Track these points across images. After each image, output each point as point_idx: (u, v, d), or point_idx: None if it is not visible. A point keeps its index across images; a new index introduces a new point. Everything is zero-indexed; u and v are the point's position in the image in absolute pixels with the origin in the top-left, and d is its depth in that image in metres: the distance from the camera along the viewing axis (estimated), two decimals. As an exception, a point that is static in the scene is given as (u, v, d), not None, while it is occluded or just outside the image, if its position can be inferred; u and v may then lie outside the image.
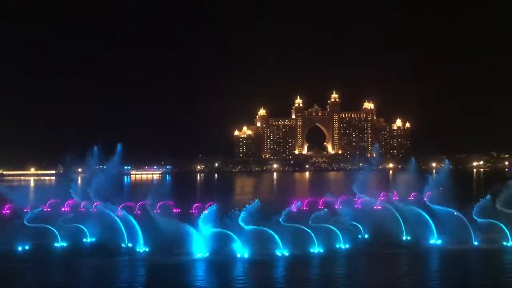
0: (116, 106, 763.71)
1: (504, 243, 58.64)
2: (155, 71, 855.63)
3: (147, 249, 57.45)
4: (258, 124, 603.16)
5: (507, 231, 59.34)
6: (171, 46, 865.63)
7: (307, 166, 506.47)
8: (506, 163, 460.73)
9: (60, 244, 61.79)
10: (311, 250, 54.70)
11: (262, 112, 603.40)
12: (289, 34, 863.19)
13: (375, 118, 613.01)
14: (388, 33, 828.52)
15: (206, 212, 58.82)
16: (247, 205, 57.73)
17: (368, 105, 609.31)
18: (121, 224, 62.09)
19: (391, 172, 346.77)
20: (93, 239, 65.07)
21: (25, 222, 66.16)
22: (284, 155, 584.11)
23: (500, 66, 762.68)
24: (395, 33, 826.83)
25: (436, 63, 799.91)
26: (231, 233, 54.85)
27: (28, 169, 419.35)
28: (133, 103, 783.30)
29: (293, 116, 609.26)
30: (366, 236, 64.59)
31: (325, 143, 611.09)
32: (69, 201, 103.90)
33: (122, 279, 46.78)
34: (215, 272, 49.36)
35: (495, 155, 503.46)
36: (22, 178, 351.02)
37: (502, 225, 60.43)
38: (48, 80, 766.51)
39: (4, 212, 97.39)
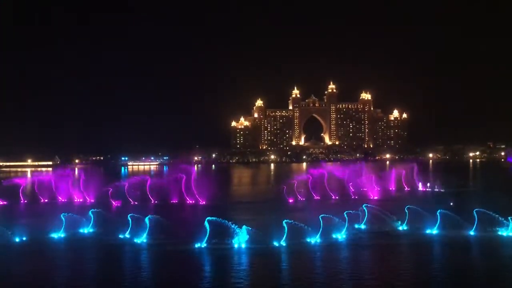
0: (114, 98, 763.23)
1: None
2: (153, 64, 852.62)
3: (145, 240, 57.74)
4: (256, 115, 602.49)
5: None
6: (170, 39, 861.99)
7: (304, 157, 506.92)
8: (502, 153, 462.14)
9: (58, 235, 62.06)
10: None
11: (259, 103, 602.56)
12: (288, 25, 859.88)
13: (372, 109, 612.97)
14: (385, 24, 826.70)
15: None
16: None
17: (365, 96, 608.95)
18: None
19: (387, 162, 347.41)
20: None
21: None
22: (281, 146, 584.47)
23: (498, 58, 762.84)
24: (393, 24, 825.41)
25: (433, 55, 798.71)
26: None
27: (25, 161, 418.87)
28: (131, 96, 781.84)
29: (290, 107, 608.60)
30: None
31: (322, 134, 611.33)
32: None
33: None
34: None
35: (491, 145, 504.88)
36: (20, 169, 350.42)
37: None
38: (47, 75, 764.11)
39: None
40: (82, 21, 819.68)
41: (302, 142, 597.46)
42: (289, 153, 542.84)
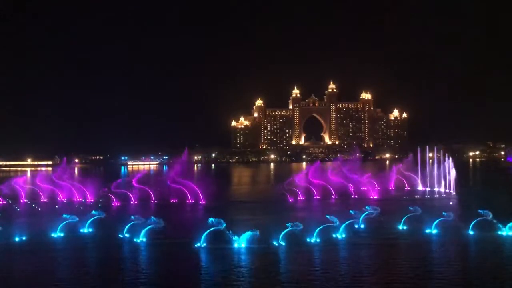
0: (114, 98, 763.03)
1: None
2: (154, 63, 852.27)
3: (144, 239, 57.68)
4: (255, 115, 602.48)
5: None
6: (170, 39, 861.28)
7: (304, 156, 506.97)
8: (502, 153, 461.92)
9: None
10: None
11: (259, 102, 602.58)
12: (288, 23, 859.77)
13: (372, 108, 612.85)
14: (386, 24, 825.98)
15: None
16: None
17: (366, 96, 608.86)
18: None
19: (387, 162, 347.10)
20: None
21: None
22: (281, 145, 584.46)
23: (497, 56, 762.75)
24: (393, 24, 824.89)
25: (433, 55, 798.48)
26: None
27: (25, 160, 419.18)
28: (131, 95, 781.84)
29: (290, 107, 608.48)
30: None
31: (322, 134, 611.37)
32: None
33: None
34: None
35: (491, 145, 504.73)
36: (19, 169, 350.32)
37: None
38: (47, 71, 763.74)
39: None
40: (82, 20, 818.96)
41: (302, 142, 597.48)
42: (289, 152, 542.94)
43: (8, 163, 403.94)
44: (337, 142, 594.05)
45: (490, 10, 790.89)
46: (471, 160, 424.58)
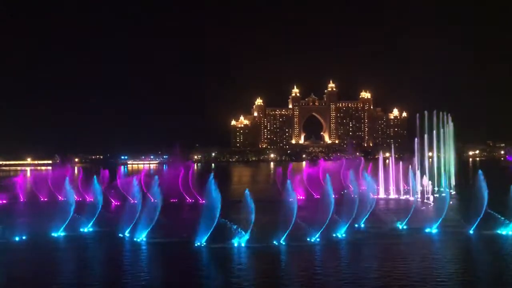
0: (114, 98, 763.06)
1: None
2: (153, 63, 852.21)
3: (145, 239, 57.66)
4: (255, 114, 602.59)
5: None
6: (170, 39, 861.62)
7: (303, 155, 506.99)
8: (502, 152, 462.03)
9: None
10: None
11: (259, 101, 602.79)
12: (287, 23, 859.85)
13: (372, 107, 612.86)
14: (385, 22, 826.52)
15: None
16: None
17: (365, 95, 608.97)
18: None
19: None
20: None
21: None
22: (281, 144, 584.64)
23: (497, 56, 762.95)
24: (393, 22, 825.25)
25: (432, 53, 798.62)
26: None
27: (24, 159, 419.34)
28: (131, 95, 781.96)
29: (290, 106, 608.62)
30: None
31: (322, 133, 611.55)
32: None
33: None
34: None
35: (491, 144, 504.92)
36: (19, 168, 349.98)
37: None
38: (46, 69, 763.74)
39: None
40: (81, 19, 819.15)
41: (302, 141, 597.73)
42: (288, 152, 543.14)
43: (8, 162, 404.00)
44: (337, 141, 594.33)
45: (490, 9, 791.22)
46: (470, 159, 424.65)
